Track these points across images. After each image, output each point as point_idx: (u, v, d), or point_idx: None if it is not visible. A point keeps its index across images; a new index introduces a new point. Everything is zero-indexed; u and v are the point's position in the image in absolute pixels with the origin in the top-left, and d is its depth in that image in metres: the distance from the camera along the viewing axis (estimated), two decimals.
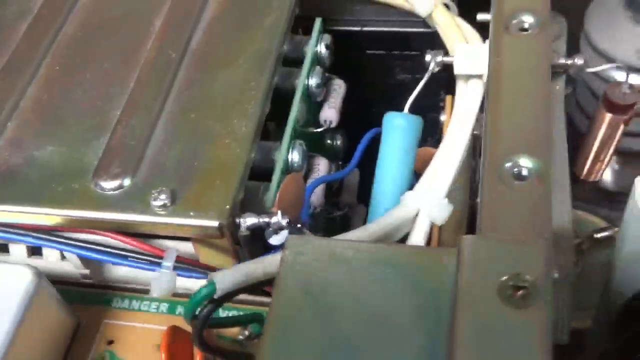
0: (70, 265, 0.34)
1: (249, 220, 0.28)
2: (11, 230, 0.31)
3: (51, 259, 0.34)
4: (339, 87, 0.37)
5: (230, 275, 0.25)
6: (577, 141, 0.38)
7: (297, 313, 0.23)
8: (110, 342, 0.33)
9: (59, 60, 0.34)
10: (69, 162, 0.30)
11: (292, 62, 0.36)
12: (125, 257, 0.31)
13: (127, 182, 0.29)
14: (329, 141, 0.39)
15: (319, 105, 0.37)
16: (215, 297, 0.25)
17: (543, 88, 0.26)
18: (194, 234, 0.28)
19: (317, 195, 0.33)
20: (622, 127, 0.34)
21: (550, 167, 0.24)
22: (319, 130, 0.36)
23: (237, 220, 0.28)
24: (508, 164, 0.25)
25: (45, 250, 0.34)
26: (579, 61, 0.31)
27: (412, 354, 0.22)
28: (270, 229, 0.28)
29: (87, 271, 0.35)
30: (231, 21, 0.34)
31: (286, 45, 0.36)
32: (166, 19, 0.35)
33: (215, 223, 0.27)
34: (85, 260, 0.34)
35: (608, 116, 0.34)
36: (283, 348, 0.22)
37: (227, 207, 0.28)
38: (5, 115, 0.33)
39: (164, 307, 0.34)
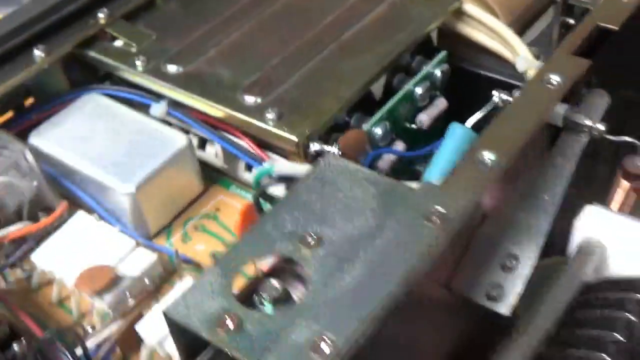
0: (218, 160, 0.50)
1: (316, 145, 0.41)
2: (192, 118, 0.48)
3: (209, 152, 0.50)
4: (440, 103, 0.50)
5: (286, 164, 0.39)
6: None
7: (307, 193, 0.36)
8: (217, 209, 0.48)
9: (260, 22, 0.51)
10: (233, 79, 0.46)
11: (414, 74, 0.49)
12: (246, 155, 0.46)
13: (259, 100, 0.44)
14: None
15: (420, 110, 0.49)
16: (273, 175, 0.39)
17: (534, 120, 0.37)
18: (282, 143, 0.43)
19: (384, 162, 0.46)
20: (633, 194, 0.43)
21: (504, 161, 0.35)
22: (413, 127, 0.49)
23: (310, 143, 0.42)
24: (481, 153, 0.36)
25: (207, 146, 0.50)
26: (600, 127, 0.41)
27: (358, 232, 0.34)
28: None
29: (226, 166, 0.50)
30: (376, 29, 0.49)
31: (413, 62, 0.49)
32: (336, 16, 0.50)
33: (295, 139, 0.42)
34: (227, 156, 0.49)
35: (623, 183, 0.43)
36: (287, 206, 0.35)
37: (307, 132, 0.42)
38: (213, 43, 0.50)
39: None
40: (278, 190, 0.41)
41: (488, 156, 0.36)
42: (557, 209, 0.40)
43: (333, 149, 0.41)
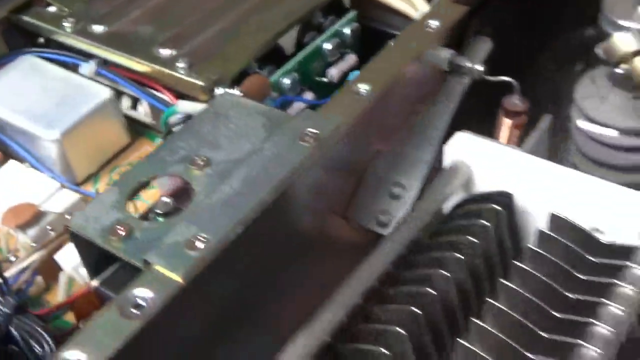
0: (147, 117, 0.54)
1: (221, 90, 0.45)
2: (120, 75, 0.51)
3: (140, 111, 0.54)
4: (350, 59, 0.53)
5: (188, 104, 0.43)
6: None
7: (201, 124, 0.40)
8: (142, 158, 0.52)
9: None
10: (152, 35, 0.50)
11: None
12: (162, 103, 0.50)
13: (173, 52, 0.48)
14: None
15: (330, 65, 0.53)
16: (177, 113, 0.43)
17: (408, 57, 0.41)
18: (192, 90, 0.46)
19: (293, 111, 0.49)
20: (516, 131, 0.47)
21: (377, 91, 0.39)
22: (324, 80, 0.53)
23: (215, 88, 0.45)
24: (357, 86, 0.40)
25: (138, 105, 0.54)
26: (480, 68, 0.45)
27: (242, 154, 0.38)
28: None
29: (154, 121, 0.54)
30: None
31: (326, 21, 0.53)
32: None
33: (202, 83, 0.45)
34: (154, 112, 0.53)
35: (505, 120, 0.46)
36: (182, 135, 0.39)
37: (214, 79, 0.45)
38: (137, 5, 0.54)
39: None
40: None
41: (363, 87, 0.39)
42: (440, 142, 0.44)
43: (235, 91, 0.45)
